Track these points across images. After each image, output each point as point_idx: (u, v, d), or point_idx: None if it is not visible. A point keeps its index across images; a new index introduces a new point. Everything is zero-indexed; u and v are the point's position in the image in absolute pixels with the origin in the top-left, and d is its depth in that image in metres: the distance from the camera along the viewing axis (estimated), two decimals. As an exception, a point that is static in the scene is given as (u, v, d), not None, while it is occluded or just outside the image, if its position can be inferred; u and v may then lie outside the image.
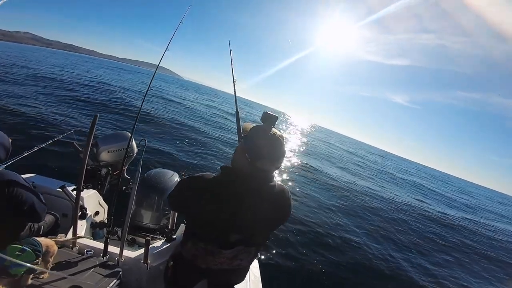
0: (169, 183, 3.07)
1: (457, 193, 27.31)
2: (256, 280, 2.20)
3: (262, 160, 1.28)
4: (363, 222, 7.58)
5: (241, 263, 1.51)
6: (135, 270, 1.95)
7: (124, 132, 3.80)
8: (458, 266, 6.79)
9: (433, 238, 8.29)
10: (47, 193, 2.51)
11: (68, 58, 50.25)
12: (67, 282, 1.39)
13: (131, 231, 2.60)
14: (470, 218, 13.51)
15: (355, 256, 5.40)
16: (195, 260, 1.47)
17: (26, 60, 26.18)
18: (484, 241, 9.79)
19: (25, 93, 11.06)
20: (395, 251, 6.31)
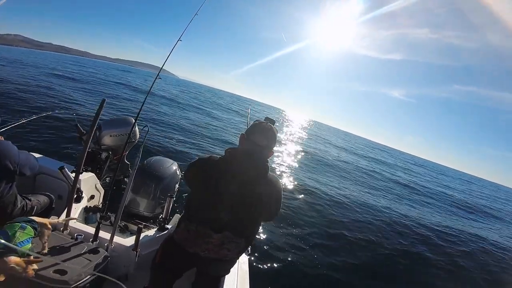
0: (168, 171, 3.06)
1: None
2: (244, 274, 2.18)
3: (255, 134, 1.54)
4: (354, 217, 7.53)
5: (228, 254, 1.53)
6: (124, 257, 1.94)
7: (128, 118, 3.79)
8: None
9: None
10: (45, 173, 2.52)
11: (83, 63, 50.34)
12: (53, 266, 1.38)
13: (124, 218, 2.60)
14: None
15: (348, 255, 5.35)
16: (184, 244, 1.53)
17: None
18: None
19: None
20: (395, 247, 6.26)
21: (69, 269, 1.40)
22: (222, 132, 13.17)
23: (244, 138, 1.57)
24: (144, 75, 51.14)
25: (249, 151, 1.53)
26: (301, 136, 26.62)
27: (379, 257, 5.69)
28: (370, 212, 8.30)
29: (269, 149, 1.57)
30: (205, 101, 31.96)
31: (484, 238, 8.88)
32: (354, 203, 8.55)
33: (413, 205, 11.41)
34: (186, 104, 20.89)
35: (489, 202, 21.97)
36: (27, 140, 5.49)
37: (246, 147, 1.54)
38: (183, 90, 40.93)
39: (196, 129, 11.69)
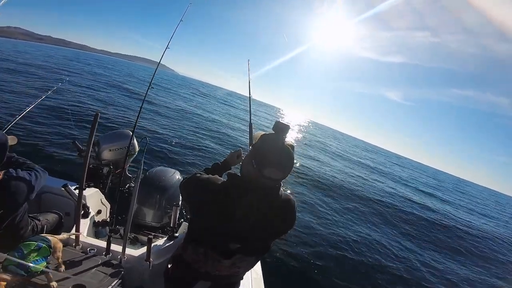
0: (171, 181, 3.08)
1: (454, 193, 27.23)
2: (258, 278, 2.20)
3: (269, 168, 1.21)
4: (365, 220, 7.59)
5: (239, 270, 1.51)
6: (138, 268, 1.95)
7: (125, 131, 3.80)
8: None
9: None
10: (48, 192, 2.52)
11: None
12: (70, 281, 1.39)
13: (133, 230, 2.61)
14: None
15: (358, 255, 5.39)
16: (194, 265, 1.47)
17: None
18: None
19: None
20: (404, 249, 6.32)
21: (87, 284, 1.41)
22: (221, 133, 13.17)
23: (253, 168, 1.24)
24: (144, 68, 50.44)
25: (260, 187, 1.28)
26: (298, 138, 26.71)
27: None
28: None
29: (285, 178, 1.31)
30: (204, 100, 31.88)
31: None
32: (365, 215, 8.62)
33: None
34: (184, 105, 20.79)
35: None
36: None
37: (256, 182, 1.26)
38: (182, 87, 40.71)
39: (195, 133, 11.66)
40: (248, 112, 2.36)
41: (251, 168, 1.25)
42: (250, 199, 1.28)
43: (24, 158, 1.89)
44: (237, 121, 19.34)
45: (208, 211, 1.35)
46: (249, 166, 1.28)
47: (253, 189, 1.28)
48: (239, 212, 1.29)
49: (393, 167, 30.23)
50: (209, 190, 1.36)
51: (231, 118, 20.35)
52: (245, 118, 20.28)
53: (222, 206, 1.31)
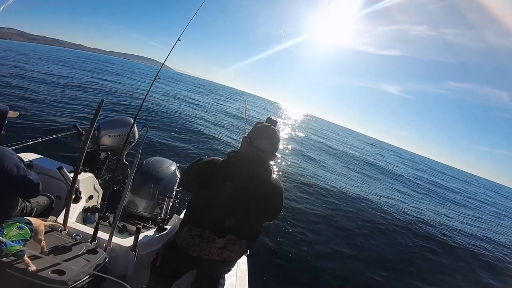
0: (167, 172, 3.06)
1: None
2: (242, 274, 2.19)
3: (259, 139, 1.49)
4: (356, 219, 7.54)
5: (231, 255, 1.55)
6: (123, 258, 1.94)
7: (127, 118, 3.79)
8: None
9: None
10: (43, 173, 2.51)
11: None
12: (51, 266, 1.38)
13: (123, 218, 2.60)
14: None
15: (351, 256, 5.36)
16: (188, 248, 1.52)
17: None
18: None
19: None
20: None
21: (67, 269, 1.39)
22: (220, 131, 13.16)
23: (246, 141, 1.53)
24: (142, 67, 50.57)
25: (252, 157, 1.50)
26: (296, 131, 26.68)
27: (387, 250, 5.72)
28: (366, 203, 8.33)
29: (273, 154, 1.54)
30: (203, 96, 31.89)
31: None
32: (351, 195, 8.56)
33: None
34: (184, 100, 20.84)
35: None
36: (25, 139, 5.48)
37: (249, 152, 1.51)
38: (180, 84, 40.73)
39: (194, 127, 11.68)
40: (244, 109, 2.33)
41: (245, 142, 1.53)
42: (242, 168, 1.47)
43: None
44: (233, 116, 19.41)
45: (206, 186, 1.49)
46: (244, 142, 1.55)
47: (247, 159, 1.49)
48: (231, 184, 1.44)
49: (403, 163, 29.98)
50: (209, 166, 1.52)
51: (229, 114, 20.40)
52: (239, 115, 20.44)
53: (219, 179, 1.46)
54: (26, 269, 1.28)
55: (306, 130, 30.96)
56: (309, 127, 39.28)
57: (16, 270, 1.26)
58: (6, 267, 1.25)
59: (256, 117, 22.13)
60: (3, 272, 1.25)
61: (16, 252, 1.26)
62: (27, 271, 1.28)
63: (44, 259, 1.38)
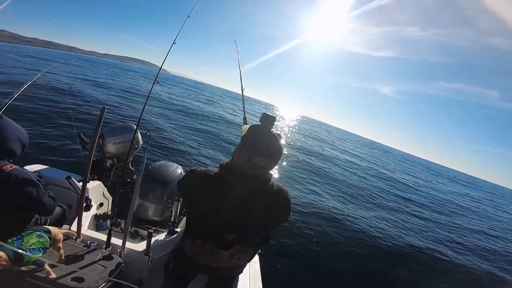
0: (173, 175, 3.08)
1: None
2: (256, 274, 2.20)
3: (259, 157, 1.28)
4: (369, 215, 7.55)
5: (239, 262, 1.53)
6: (137, 263, 1.97)
7: (129, 124, 3.81)
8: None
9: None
10: (52, 183, 2.54)
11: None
12: (70, 274, 1.40)
13: (134, 223, 2.63)
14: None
15: (362, 255, 5.37)
16: (194, 258, 1.51)
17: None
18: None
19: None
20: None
21: (86, 277, 1.42)
22: (221, 131, 13.18)
23: (244, 157, 1.30)
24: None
25: (251, 177, 1.32)
26: (293, 133, 26.62)
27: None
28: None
29: (274, 167, 1.39)
30: (201, 98, 31.88)
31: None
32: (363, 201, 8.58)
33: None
34: (183, 104, 20.85)
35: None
36: (32, 152, 5.53)
37: (248, 170, 1.31)
38: (178, 88, 40.56)
39: (197, 130, 11.71)
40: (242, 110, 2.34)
41: (242, 158, 1.30)
42: (242, 188, 1.31)
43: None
44: (232, 117, 19.40)
45: (201, 202, 1.41)
46: (240, 156, 1.32)
47: (245, 178, 1.32)
48: (231, 202, 1.32)
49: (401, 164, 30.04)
50: (201, 182, 1.42)
51: (227, 115, 20.40)
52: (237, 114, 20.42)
53: (214, 197, 1.35)
54: (46, 278, 1.31)
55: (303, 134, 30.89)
56: (305, 128, 39.12)
57: (36, 278, 1.29)
58: (26, 276, 1.28)
59: (252, 119, 21.92)
60: (24, 281, 1.28)
61: (36, 261, 1.28)
62: (47, 279, 1.31)
63: (62, 267, 1.41)
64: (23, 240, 1.33)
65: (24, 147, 1.81)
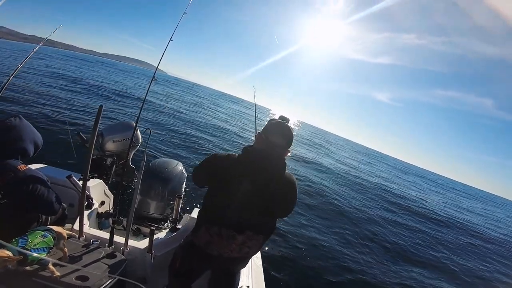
0: (174, 172, 3.09)
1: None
2: (258, 269, 2.22)
3: (274, 134, 1.52)
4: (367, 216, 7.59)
5: (249, 251, 1.57)
6: (140, 260, 1.97)
7: (129, 122, 3.80)
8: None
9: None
10: (53, 183, 2.53)
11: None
12: (74, 272, 1.41)
13: (136, 221, 2.63)
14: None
15: (362, 252, 5.41)
16: (207, 247, 1.53)
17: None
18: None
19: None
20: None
21: (90, 275, 1.43)
22: (226, 126, 13.18)
23: (262, 138, 1.55)
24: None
25: (267, 152, 1.52)
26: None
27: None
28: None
29: (287, 149, 1.56)
30: (201, 101, 31.80)
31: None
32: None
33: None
34: (182, 102, 20.79)
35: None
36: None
37: (265, 148, 1.53)
38: (175, 88, 40.30)
39: (196, 127, 11.69)
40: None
41: (260, 139, 1.56)
42: (260, 164, 1.48)
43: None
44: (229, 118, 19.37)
45: (216, 185, 1.54)
46: (260, 139, 1.57)
47: (262, 155, 1.51)
48: (248, 180, 1.45)
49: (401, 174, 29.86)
50: (222, 163, 1.55)
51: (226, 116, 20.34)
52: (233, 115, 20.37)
53: (234, 176, 1.47)
54: (51, 277, 1.31)
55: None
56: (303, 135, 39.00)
57: (41, 278, 1.30)
58: (31, 276, 1.28)
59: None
60: (29, 280, 1.28)
61: (40, 260, 1.29)
62: (52, 278, 1.31)
63: (66, 266, 1.41)
64: (28, 240, 1.33)
65: (37, 149, 1.86)
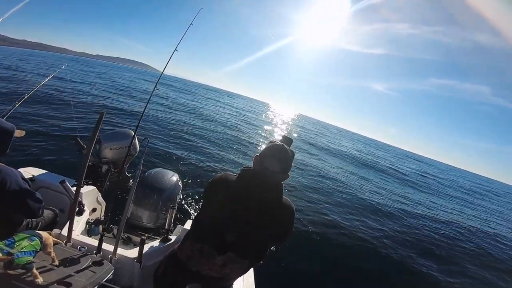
0: (169, 183, 3.07)
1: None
2: (249, 285, 2.17)
3: (269, 158, 1.45)
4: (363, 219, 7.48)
5: (230, 273, 1.51)
6: (128, 269, 1.93)
7: (127, 130, 3.82)
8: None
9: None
10: (46, 187, 2.52)
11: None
12: (58, 278, 1.38)
13: (127, 230, 2.59)
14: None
15: (359, 263, 5.30)
16: (187, 262, 1.50)
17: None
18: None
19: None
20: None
21: (74, 282, 1.39)
22: (221, 139, 13.17)
23: (257, 160, 1.50)
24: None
25: (259, 176, 1.46)
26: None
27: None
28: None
29: (284, 174, 1.49)
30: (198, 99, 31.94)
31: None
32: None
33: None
34: (180, 106, 20.87)
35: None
36: (28, 154, 5.51)
37: (258, 171, 1.48)
38: (172, 88, 40.47)
39: (195, 136, 11.70)
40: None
41: (256, 161, 1.51)
42: (250, 187, 1.43)
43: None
44: (231, 122, 19.48)
45: (214, 202, 1.50)
46: (255, 160, 1.52)
47: (254, 179, 1.45)
48: (236, 202, 1.41)
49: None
50: (218, 183, 1.52)
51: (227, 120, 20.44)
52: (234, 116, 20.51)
53: (222, 197, 1.45)
54: (33, 282, 1.28)
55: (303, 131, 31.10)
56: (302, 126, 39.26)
57: (23, 282, 1.27)
58: (13, 279, 1.25)
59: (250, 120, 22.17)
60: (10, 284, 1.25)
61: (25, 264, 1.26)
62: (34, 283, 1.28)
63: (51, 272, 1.39)
64: (15, 243, 1.31)
65: (9, 140, 1.70)
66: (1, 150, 1.67)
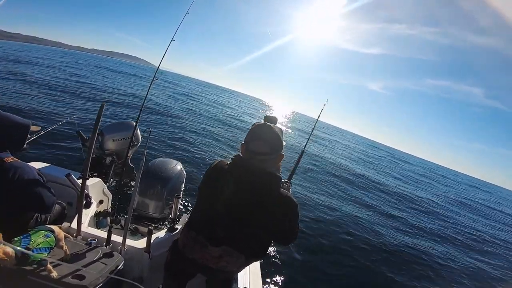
0: (173, 172, 3.09)
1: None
2: (255, 270, 2.19)
3: (255, 141, 1.34)
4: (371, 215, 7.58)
5: (228, 266, 1.41)
6: (138, 259, 1.97)
7: (129, 121, 3.81)
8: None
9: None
10: (52, 181, 2.54)
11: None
12: (71, 272, 1.41)
13: (134, 221, 2.63)
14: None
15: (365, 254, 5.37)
16: (184, 250, 1.48)
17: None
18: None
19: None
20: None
21: (87, 274, 1.43)
22: (220, 128, 13.16)
23: (243, 147, 1.38)
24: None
25: (246, 162, 1.34)
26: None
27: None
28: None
29: (275, 155, 1.35)
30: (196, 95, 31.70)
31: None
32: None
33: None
34: (181, 97, 20.76)
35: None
36: (31, 149, 5.52)
37: (245, 158, 1.36)
38: (167, 82, 40.05)
39: (196, 126, 11.68)
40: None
41: (242, 148, 1.40)
42: (240, 177, 1.32)
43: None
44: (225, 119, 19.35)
45: (204, 192, 1.46)
46: (241, 148, 1.41)
47: (242, 167, 1.34)
48: (226, 194, 1.31)
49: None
50: (209, 172, 1.46)
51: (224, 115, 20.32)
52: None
53: (211, 189, 1.40)
54: (48, 276, 1.31)
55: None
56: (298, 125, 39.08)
57: (39, 277, 1.30)
58: (28, 274, 1.29)
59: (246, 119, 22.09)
60: (25, 279, 1.28)
61: (40, 261, 1.29)
62: (49, 277, 1.32)
63: (63, 265, 1.42)
64: (30, 240, 1.34)
65: (21, 139, 1.73)
66: (18, 145, 1.70)
